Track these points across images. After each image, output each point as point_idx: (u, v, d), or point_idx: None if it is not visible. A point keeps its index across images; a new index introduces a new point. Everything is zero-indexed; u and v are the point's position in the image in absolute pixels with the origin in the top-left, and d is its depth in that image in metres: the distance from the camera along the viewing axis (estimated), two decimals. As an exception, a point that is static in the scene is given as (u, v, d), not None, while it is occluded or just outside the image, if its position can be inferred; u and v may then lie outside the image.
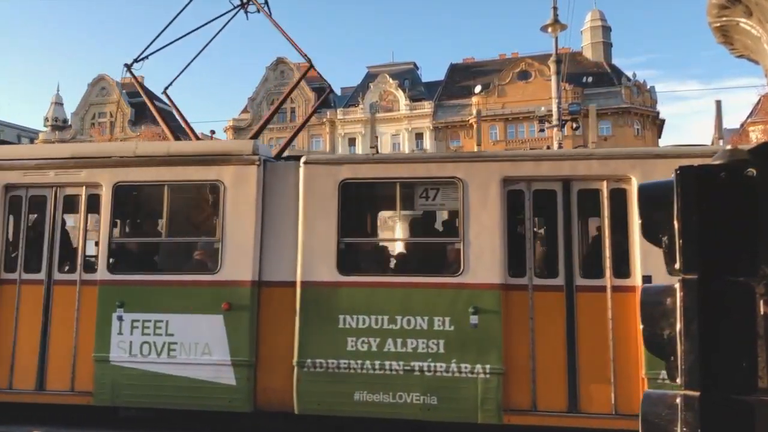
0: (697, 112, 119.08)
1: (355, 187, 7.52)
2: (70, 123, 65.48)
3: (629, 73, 56.75)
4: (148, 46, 9.11)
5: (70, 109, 66.73)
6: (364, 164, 7.61)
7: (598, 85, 54.23)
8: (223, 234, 7.34)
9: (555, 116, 20.66)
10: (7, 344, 7.68)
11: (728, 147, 2.02)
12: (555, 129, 20.87)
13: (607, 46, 58.24)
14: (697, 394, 1.90)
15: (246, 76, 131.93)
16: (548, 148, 27.08)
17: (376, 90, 58.22)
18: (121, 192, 7.76)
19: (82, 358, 7.50)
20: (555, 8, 19.25)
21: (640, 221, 2.15)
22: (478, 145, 19.36)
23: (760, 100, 40.36)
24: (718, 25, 2.16)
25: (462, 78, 59.26)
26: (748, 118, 46.61)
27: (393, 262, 7.84)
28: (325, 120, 57.91)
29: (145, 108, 63.92)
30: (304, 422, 7.20)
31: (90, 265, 7.73)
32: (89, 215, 8.01)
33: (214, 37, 9.56)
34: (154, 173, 7.68)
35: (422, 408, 6.76)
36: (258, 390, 7.10)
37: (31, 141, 68.75)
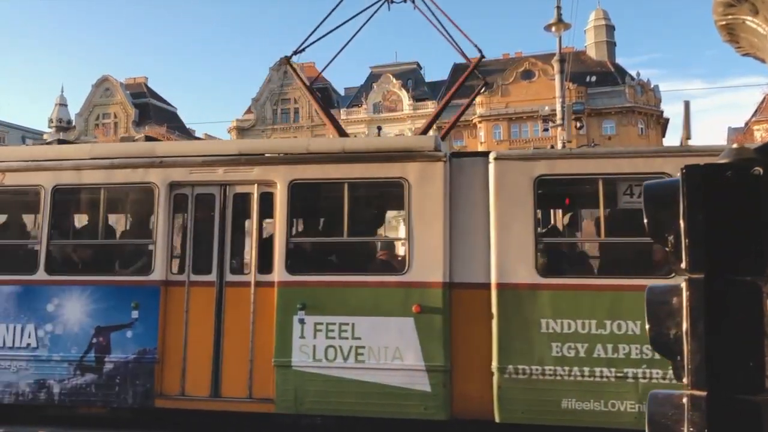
0: (701, 111, 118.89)
1: (552, 184, 7.21)
2: (74, 124, 65.64)
3: (633, 72, 56.71)
4: (306, 39, 8.97)
5: (74, 110, 66.94)
6: (561, 160, 7.31)
7: (602, 85, 54.14)
8: (409, 233, 7.00)
9: (559, 115, 20.65)
10: (177, 348, 7.33)
11: (734, 145, 2.01)
12: (559, 128, 20.85)
13: (611, 45, 58.14)
14: (703, 394, 1.89)
15: (248, 77, 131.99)
16: (552, 147, 27.02)
17: (380, 90, 58.22)
18: (297, 190, 7.35)
19: (259, 363, 7.13)
20: (558, 7, 19.22)
21: (645, 221, 2.14)
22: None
23: (764, 98, 40.23)
24: (724, 23, 2.15)
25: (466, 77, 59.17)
26: (752, 117, 46.50)
27: (596, 263, 7.46)
28: (328, 120, 58.00)
29: (149, 108, 64.16)
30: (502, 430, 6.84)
31: (265, 266, 7.31)
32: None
33: (360, 28, 9.32)
34: (332, 170, 7.34)
35: (638, 416, 6.34)
36: (454, 397, 6.77)
37: (36, 142, 68.95)
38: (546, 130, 26.43)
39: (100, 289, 7.53)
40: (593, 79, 54.22)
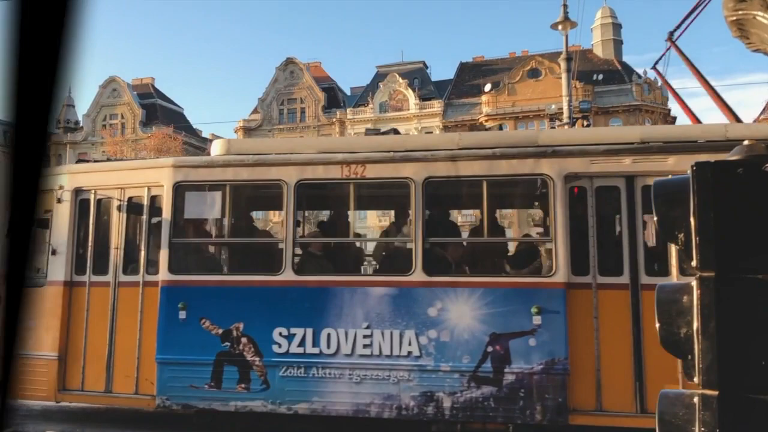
0: (708, 109, 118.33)
1: None
2: (81, 125, 65.90)
3: (640, 70, 56.44)
4: (688, 15, 8.79)
5: (81, 110, 67.18)
6: None
7: (609, 83, 53.92)
8: None
9: (565, 114, 20.57)
10: (588, 358, 6.73)
11: (746, 142, 1.98)
12: (566, 127, 20.77)
13: (618, 43, 57.86)
14: (715, 393, 1.86)
15: (254, 77, 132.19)
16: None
17: (386, 89, 58.14)
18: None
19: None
20: (565, 5, 19.14)
21: (655, 219, 2.11)
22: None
23: (773, 96, 39.91)
24: (734, 18, 2.12)
25: (472, 77, 59.05)
26: (760, 114, 46.16)
27: None
28: (334, 120, 57.96)
29: (156, 109, 64.28)
30: None
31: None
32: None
33: None
34: None
35: None
36: None
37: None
38: (552, 128, 26.36)
39: (492, 291, 6.88)
40: (600, 77, 54.02)
